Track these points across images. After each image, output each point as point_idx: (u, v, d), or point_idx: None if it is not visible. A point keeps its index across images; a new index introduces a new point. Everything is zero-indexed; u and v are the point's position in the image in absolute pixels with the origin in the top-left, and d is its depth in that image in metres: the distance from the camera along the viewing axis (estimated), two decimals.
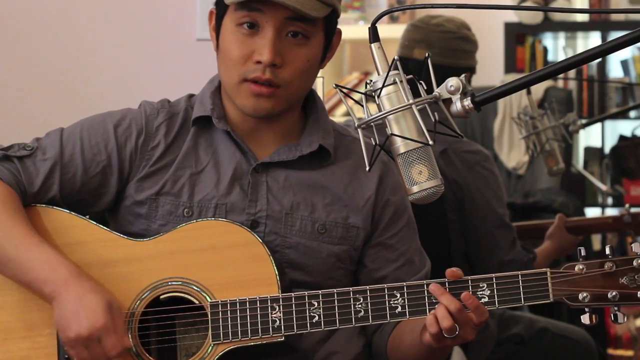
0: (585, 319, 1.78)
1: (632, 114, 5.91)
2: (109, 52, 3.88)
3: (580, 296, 1.78)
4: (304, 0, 1.86)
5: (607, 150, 5.89)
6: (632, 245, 1.77)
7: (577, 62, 1.52)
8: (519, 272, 1.79)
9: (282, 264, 1.92)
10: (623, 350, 5.22)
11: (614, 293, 1.77)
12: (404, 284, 1.82)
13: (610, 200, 5.81)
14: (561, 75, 4.29)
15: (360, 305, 1.82)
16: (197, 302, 1.86)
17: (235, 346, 1.84)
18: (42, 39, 3.87)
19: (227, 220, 1.91)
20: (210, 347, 1.84)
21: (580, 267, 1.79)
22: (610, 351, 5.15)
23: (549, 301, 1.78)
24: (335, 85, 1.63)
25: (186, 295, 1.87)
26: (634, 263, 1.78)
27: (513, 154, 5.04)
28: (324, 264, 1.97)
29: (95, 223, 1.94)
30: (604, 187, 5.63)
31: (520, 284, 1.79)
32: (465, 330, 1.78)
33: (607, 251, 1.79)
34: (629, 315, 5.24)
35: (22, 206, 1.91)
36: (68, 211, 1.94)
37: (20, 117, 3.85)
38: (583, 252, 1.80)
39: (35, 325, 1.87)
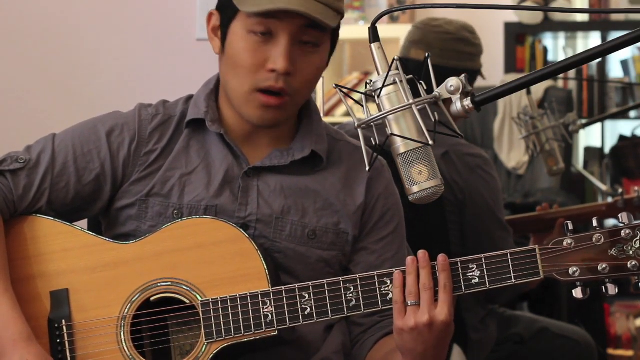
0: (577, 292, 1.74)
1: (632, 114, 5.91)
2: (109, 52, 3.88)
3: (571, 271, 1.74)
4: (321, 9, 1.85)
5: (607, 150, 5.88)
6: (620, 215, 1.72)
7: (577, 62, 1.53)
8: (508, 251, 1.76)
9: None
10: (623, 350, 5.21)
11: (604, 265, 1.73)
12: (394, 270, 1.79)
13: (610, 200, 5.81)
14: (561, 75, 4.29)
15: (351, 295, 1.80)
16: (187, 301, 1.85)
17: (229, 343, 1.83)
18: (42, 39, 3.87)
19: (212, 217, 1.89)
20: (204, 346, 1.83)
21: (569, 241, 1.75)
22: (610, 351, 5.15)
23: (539, 278, 1.75)
24: (335, 85, 1.63)
25: (177, 296, 1.86)
26: (622, 233, 1.73)
27: (513, 154, 5.04)
28: (312, 269, 1.95)
29: (79, 228, 1.92)
30: (604, 187, 5.62)
31: (510, 262, 1.75)
32: (426, 301, 1.74)
33: (595, 223, 1.74)
34: (629, 315, 5.24)
35: (4, 236, 1.89)
36: (52, 218, 1.92)
37: (20, 117, 3.85)
38: (570, 227, 1.75)
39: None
